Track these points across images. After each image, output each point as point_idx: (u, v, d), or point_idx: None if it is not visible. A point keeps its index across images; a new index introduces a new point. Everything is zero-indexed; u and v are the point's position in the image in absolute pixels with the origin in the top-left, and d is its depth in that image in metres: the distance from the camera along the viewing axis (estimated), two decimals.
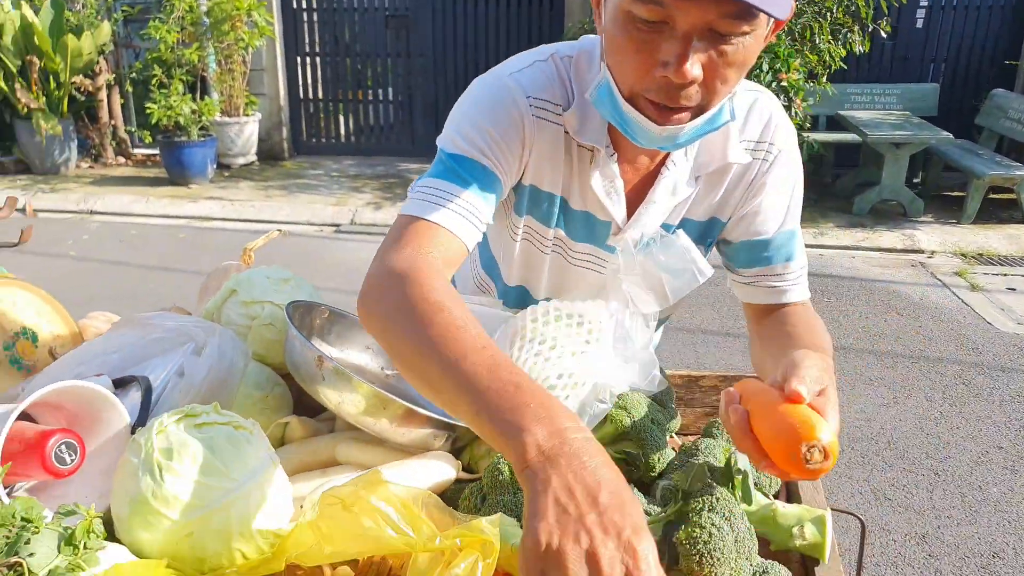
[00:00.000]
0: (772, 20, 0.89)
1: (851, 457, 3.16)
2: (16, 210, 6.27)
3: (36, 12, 7.39)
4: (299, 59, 8.34)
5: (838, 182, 6.96)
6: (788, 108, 5.71)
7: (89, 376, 1.00)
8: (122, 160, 8.14)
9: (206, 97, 7.51)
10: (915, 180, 6.85)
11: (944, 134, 6.07)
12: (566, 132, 1.08)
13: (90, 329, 1.34)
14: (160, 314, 1.09)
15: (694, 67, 0.86)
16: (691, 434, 1.29)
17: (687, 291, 1.10)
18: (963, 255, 5.56)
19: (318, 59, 8.40)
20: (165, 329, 1.04)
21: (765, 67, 5.58)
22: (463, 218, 0.98)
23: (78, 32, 7.39)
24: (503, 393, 0.67)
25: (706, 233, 1.20)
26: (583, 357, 1.02)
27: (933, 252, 5.62)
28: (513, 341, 1.03)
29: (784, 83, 5.62)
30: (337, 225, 6.21)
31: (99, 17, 7.89)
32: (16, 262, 5.10)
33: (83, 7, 8.01)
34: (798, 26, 6.06)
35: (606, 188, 1.10)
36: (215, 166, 7.40)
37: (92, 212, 6.63)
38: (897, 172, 6.19)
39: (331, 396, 1.01)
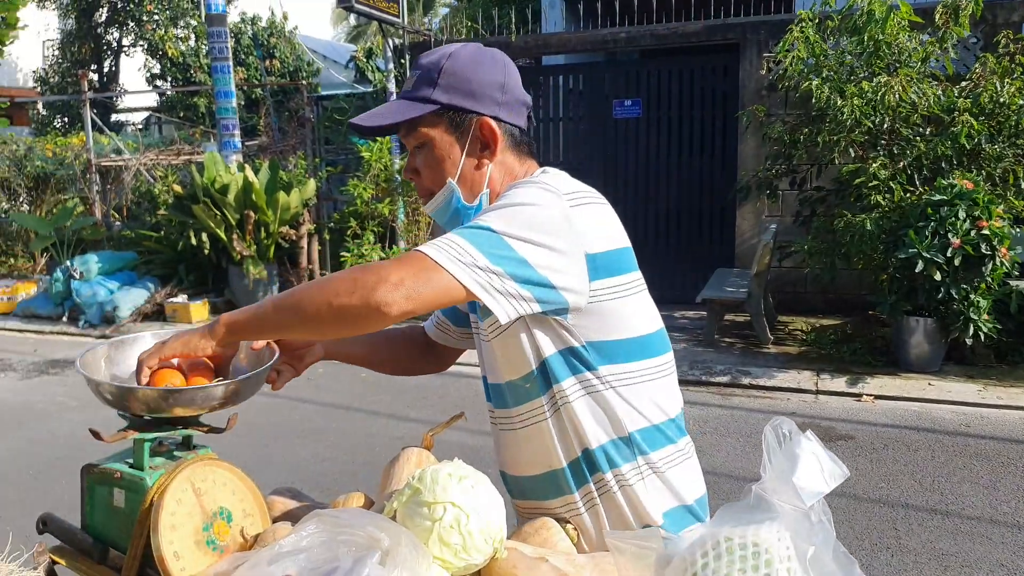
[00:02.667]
0: (465, 124, 1.29)
1: None
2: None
3: (256, 172, 8.42)
4: None
5: None
6: (992, 257, 5.24)
7: None
8: None
9: (394, 246, 8.10)
10: None
11: None
12: None
13: (276, 507, 1.38)
14: (348, 511, 1.09)
15: (408, 169, 1.37)
16: None
17: (826, 490, 0.96)
18: None
19: None
20: (353, 529, 1.04)
21: (962, 215, 5.20)
22: None
23: (288, 189, 8.31)
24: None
25: None
26: None
27: None
28: None
29: (985, 231, 5.19)
30: None
31: (307, 175, 8.86)
32: None
33: (294, 167, 9.05)
34: (998, 170, 5.66)
35: None
36: None
37: None
38: None
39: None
